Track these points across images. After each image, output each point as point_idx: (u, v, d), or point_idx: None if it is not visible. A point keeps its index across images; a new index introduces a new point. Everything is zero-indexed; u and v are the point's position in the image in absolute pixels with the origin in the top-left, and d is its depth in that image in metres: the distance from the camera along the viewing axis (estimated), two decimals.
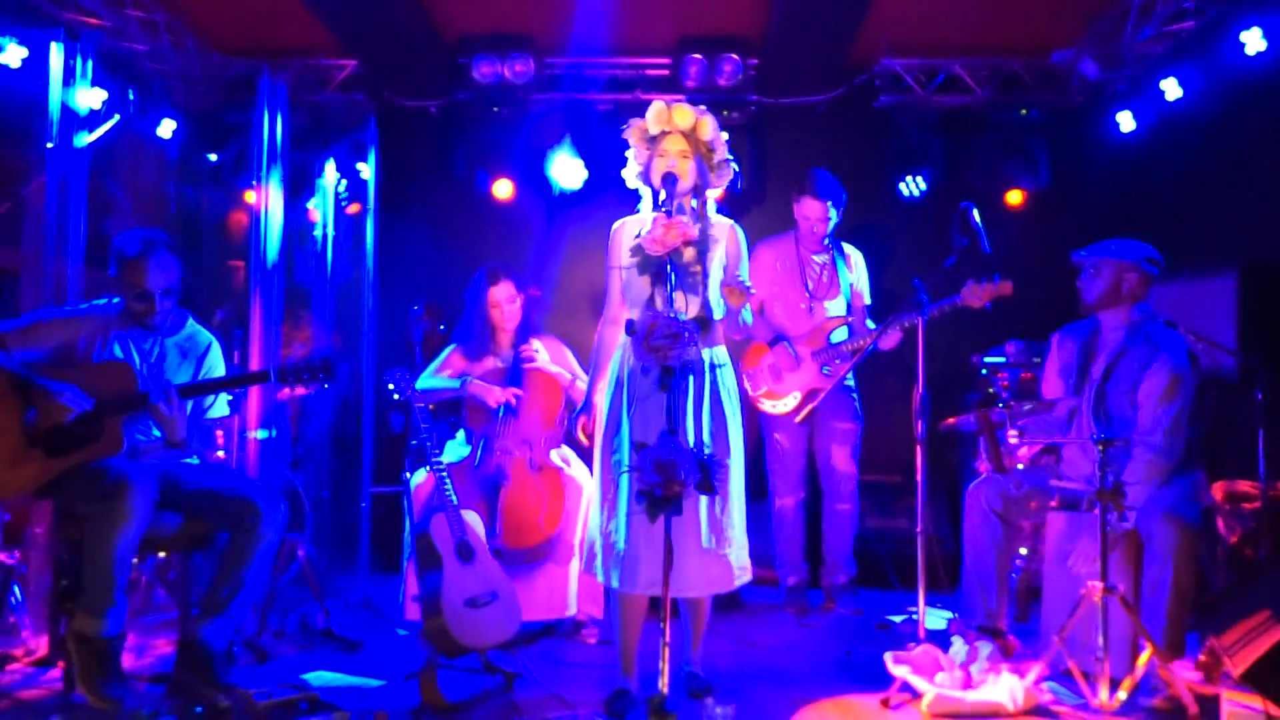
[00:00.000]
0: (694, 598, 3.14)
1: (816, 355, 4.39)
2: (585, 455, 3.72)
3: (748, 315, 3.16)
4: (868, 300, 4.64)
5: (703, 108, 3.08)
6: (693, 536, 2.92)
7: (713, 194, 3.18)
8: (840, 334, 4.45)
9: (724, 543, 3.00)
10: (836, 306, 4.53)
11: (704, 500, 2.92)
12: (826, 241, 4.56)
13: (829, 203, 4.43)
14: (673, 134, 3.03)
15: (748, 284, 3.01)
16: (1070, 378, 3.62)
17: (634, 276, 3.01)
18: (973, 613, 3.54)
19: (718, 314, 3.09)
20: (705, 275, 3.03)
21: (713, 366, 3.08)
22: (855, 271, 4.63)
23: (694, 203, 3.10)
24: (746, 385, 4.53)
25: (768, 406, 4.50)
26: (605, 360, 3.20)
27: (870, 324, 4.58)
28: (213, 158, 5.58)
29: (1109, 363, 3.49)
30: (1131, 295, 3.47)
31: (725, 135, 3.14)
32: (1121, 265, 3.45)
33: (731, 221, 3.18)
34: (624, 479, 2.98)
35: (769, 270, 4.57)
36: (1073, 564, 3.24)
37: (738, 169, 3.28)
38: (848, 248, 4.65)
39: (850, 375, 4.51)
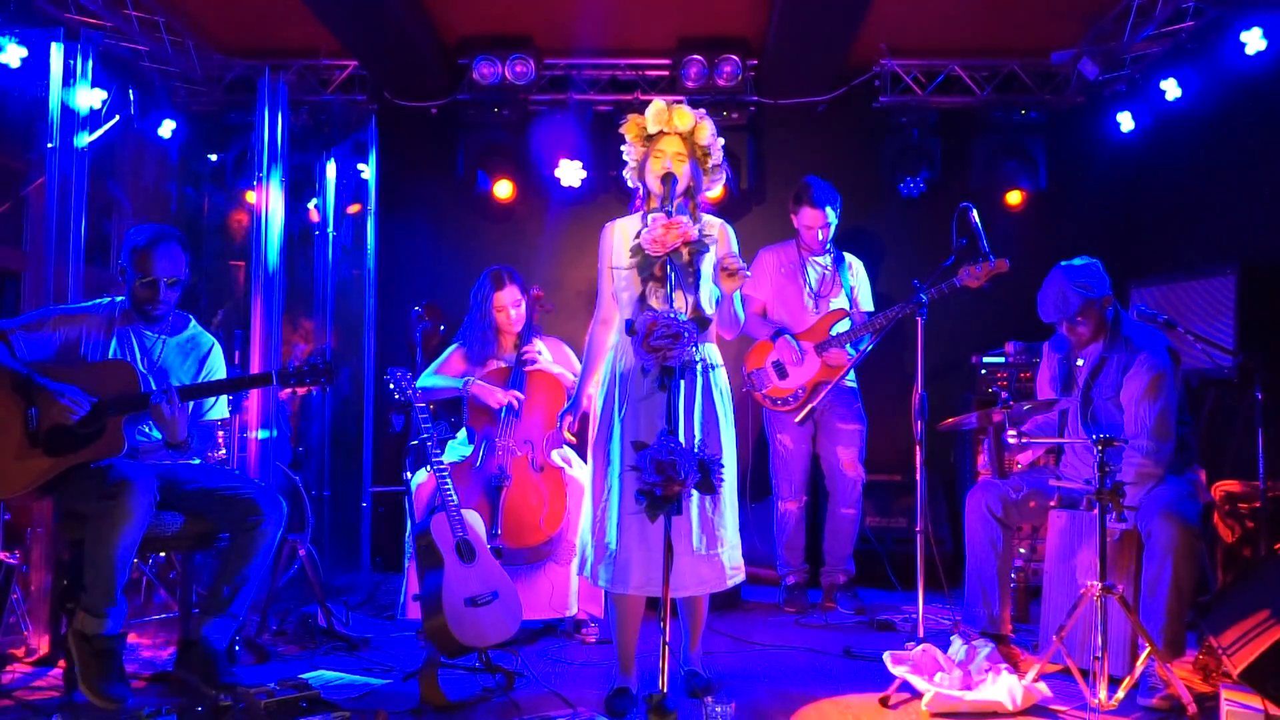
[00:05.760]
0: (690, 597, 3.15)
1: (820, 348, 4.39)
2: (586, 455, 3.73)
3: (739, 305, 3.12)
4: (869, 307, 4.64)
5: (702, 111, 3.08)
6: (684, 538, 2.92)
7: (711, 196, 3.18)
8: (842, 326, 4.46)
9: (716, 543, 3.00)
10: (839, 304, 4.54)
11: (695, 502, 2.93)
12: (828, 246, 4.57)
13: (827, 208, 4.44)
14: (670, 135, 3.04)
15: (743, 263, 2.98)
16: (1058, 388, 3.64)
17: (630, 276, 3.01)
18: (976, 619, 3.54)
19: (710, 312, 3.09)
20: (698, 276, 3.02)
21: (708, 367, 3.08)
22: (856, 278, 4.64)
23: (682, 202, 3.10)
24: (753, 385, 4.54)
25: (775, 405, 4.50)
26: (597, 360, 3.21)
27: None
28: (213, 158, 5.59)
29: (1091, 370, 3.50)
30: (1108, 314, 3.47)
31: (721, 141, 3.14)
32: (1099, 302, 3.42)
33: (721, 220, 3.18)
34: (616, 479, 2.98)
35: (771, 274, 4.58)
36: (1079, 578, 3.23)
37: (734, 173, 3.28)
38: (849, 256, 4.66)
39: (853, 376, 4.52)
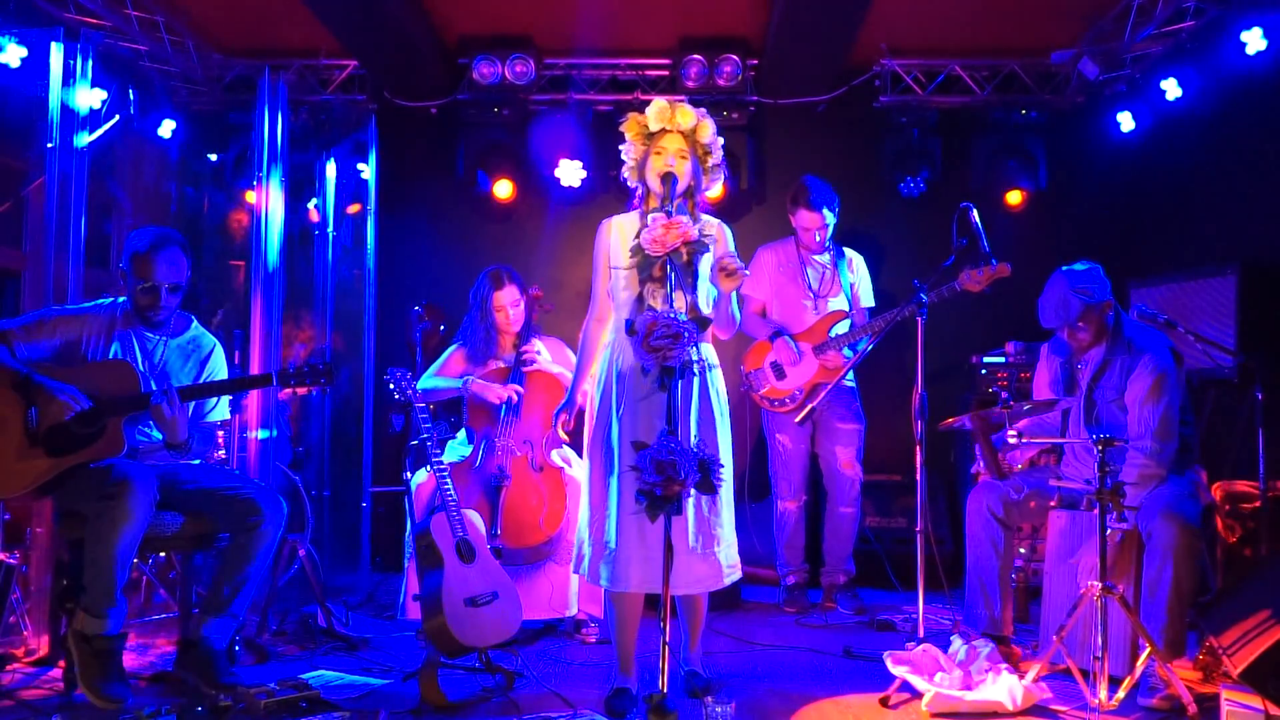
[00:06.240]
0: (689, 597, 3.15)
1: (818, 350, 4.39)
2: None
3: (736, 305, 3.13)
4: (870, 303, 4.64)
5: (703, 110, 3.08)
6: (681, 537, 2.91)
7: (711, 196, 3.18)
8: (841, 328, 4.46)
9: (712, 542, 3.00)
10: (838, 304, 4.54)
11: (691, 502, 2.93)
12: (828, 244, 4.57)
13: (824, 210, 4.43)
14: (672, 133, 3.03)
15: (741, 263, 2.97)
16: (1059, 390, 3.64)
17: (629, 276, 3.00)
18: (977, 620, 3.54)
19: (708, 312, 3.09)
20: (696, 276, 3.02)
21: (704, 367, 3.08)
22: (856, 274, 4.64)
23: (681, 202, 3.09)
24: (751, 385, 4.54)
25: (772, 406, 4.50)
26: (591, 357, 3.22)
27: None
28: (213, 158, 5.59)
29: (1094, 372, 3.49)
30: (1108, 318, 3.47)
31: (721, 140, 3.14)
32: (1096, 306, 3.40)
33: (720, 220, 3.18)
34: (614, 479, 2.99)
35: (771, 272, 4.58)
36: (1080, 578, 3.23)
37: (733, 173, 3.27)
38: (849, 251, 4.66)
39: (852, 376, 4.52)
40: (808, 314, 4.50)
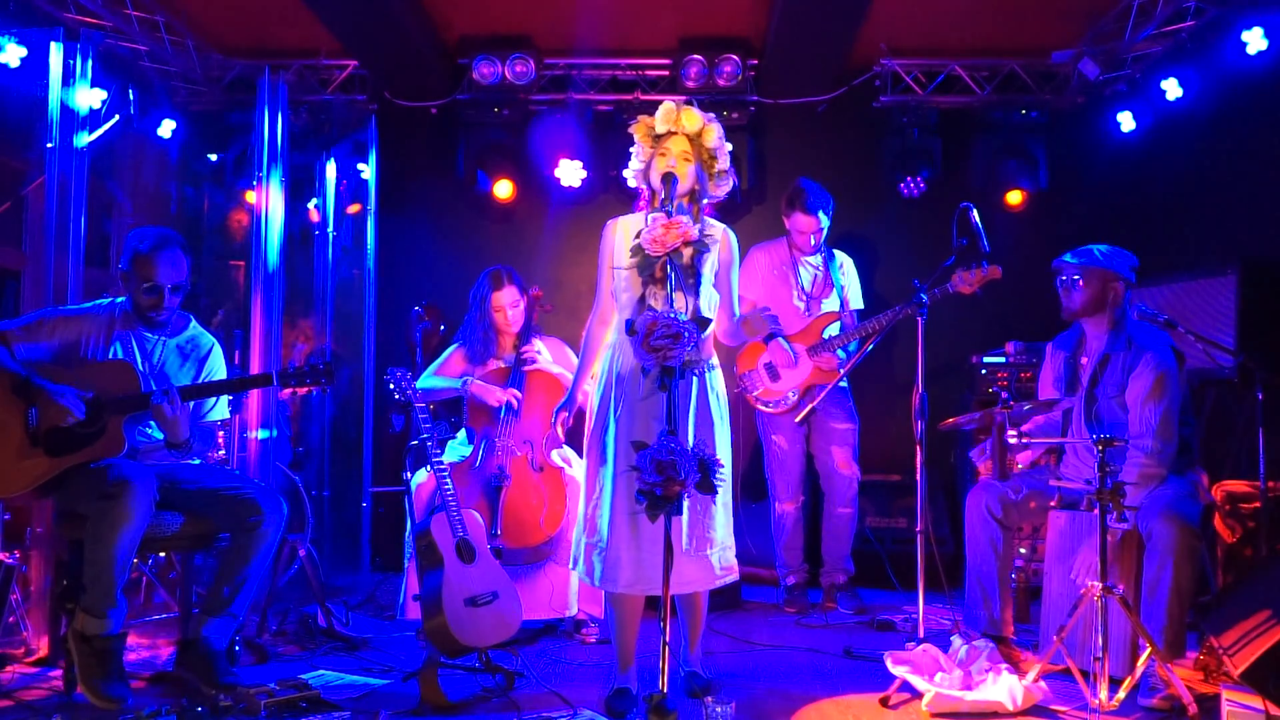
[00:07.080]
0: (689, 597, 3.15)
1: (812, 351, 4.40)
2: None
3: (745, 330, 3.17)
4: (859, 305, 4.65)
5: (711, 115, 3.08)
6: (674, 538, 2.90)
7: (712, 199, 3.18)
8: (835, 329, 4.46)
9: (705, 544, 3.00)
10: (830, 306, 4.55)
11: (686, 502, 2.92)
12: (820, 247, 4.57)
13: (820, 213, 4.44)
14: (677, 135, 3.04)
15: (766, 320, 3.03)
16: (1062, 388, 3.64)
17: (630, 276, 3.01)
18: (977, 620, 3.54)
19: (708, 314, 3.09)
20: (699, 278, 3.03)
21: (705, 368, 3.08)
22: (846, 277, 4.64)
23: (686, 205, 3.10)
24: (744, 386, 4.54)
25: (766, 407, 4.50)
26: (593, 357, 3.22)
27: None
28: (213, 158, 5.60)
29: (1095, 369, 3.49)
30: (1115, 303, 3.47)
31: (729, 146, 3.14)
32: (1108, 275, 3.43)
33: (725, 226, 3.18)
34: (609, 478, 2.99)
35: (763, 273, 4.59)
36: (1075, 575, 3.23)
37: (736, 181, 3.27)
38: (839, 254, 4.66)
39: (844, 376, 4.52)
40: (800, 316, 4.50)
